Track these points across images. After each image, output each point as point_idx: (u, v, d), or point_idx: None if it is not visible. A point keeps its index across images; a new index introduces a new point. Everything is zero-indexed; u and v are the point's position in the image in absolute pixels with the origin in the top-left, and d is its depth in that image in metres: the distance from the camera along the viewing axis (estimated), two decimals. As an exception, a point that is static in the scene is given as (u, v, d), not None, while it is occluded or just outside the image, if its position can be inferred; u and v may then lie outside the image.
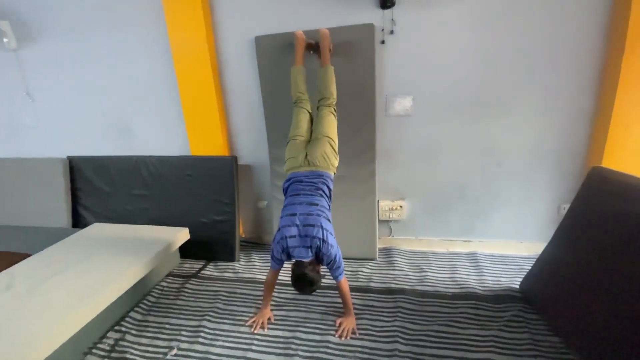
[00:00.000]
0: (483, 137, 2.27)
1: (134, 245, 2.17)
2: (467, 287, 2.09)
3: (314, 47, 2.12)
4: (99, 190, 2.80)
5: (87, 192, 2.86)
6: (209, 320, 1.92)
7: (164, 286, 2.28)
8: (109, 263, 1.95)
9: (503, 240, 2.48)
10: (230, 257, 2.55)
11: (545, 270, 1.88)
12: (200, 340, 1.78)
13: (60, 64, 2.70)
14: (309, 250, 1.70)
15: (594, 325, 1.51)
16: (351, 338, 1.75)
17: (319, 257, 1.73)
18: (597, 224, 1.67)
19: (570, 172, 2.25)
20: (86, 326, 1.65)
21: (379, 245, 2.54)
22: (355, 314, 1.88)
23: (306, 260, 1.69)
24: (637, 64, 1.86)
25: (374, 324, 1.84)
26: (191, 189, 2.56)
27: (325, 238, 1.70)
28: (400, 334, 1.74)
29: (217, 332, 1.85)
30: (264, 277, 2.28)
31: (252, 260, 2.57)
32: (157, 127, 2.71)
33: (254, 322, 1.89)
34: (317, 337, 1.77)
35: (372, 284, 2.18)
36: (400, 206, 2.51)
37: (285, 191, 1.92)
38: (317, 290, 2.09)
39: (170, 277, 2.38)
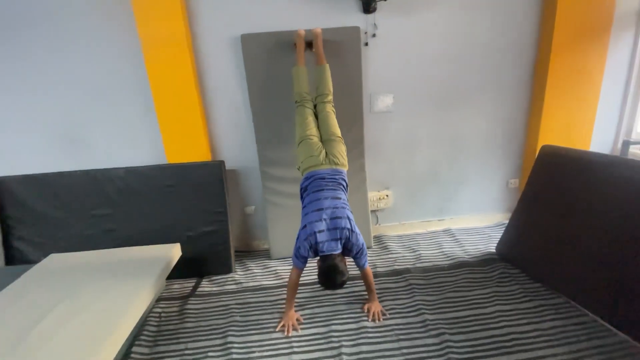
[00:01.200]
0: (450, 128, 2.63)
1: (119, 272, 1.85)
2: (456, 258, 2.40)
3: (309, 46, 2.16)
4: (42, 215, 2.30)
5: (23, 220, 2.31)
6: (234, 335, 1.79)
7: (159, 313, 2.01)
8: (104, 296, 1.64)
9: (468, 215, 2.91)
10: (226, 269, 2.39)
11: (517, 233, 2.30)
12: (234, 356, 1.66)
13: None
14: (339, 242, 1.74)
15: (562, 268, 1.93)
16: (383, 319, 1.85)
17: (347, 248, 1.79)
18: (551, 189, 2.13)
19: (514, 152, 2.78)
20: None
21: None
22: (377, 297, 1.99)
23: (335, 252, 1.73)
24: (562, 62, 2.41)
25: (397, 303, 1.98)
26: (173, 201, 2.31)
27: (353, 228, 1.77)
28: (423, 306, 1.92)
29: (249, 344, 1.74)
30: (270, 283, 2.24)
31: (250, 268, 2.45)
32: (121, 135, 2.36)
33: (283, 326, 1.84)
34: (354, 326, 1.82)
35: (379, 269, 2.32)
36: (387, 195, 2.72)
37: (304, 190, 1.91)
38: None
39: (162, 302, 2.11)
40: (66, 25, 2.12)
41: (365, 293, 2.03)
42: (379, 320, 1.85)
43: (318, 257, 1.76)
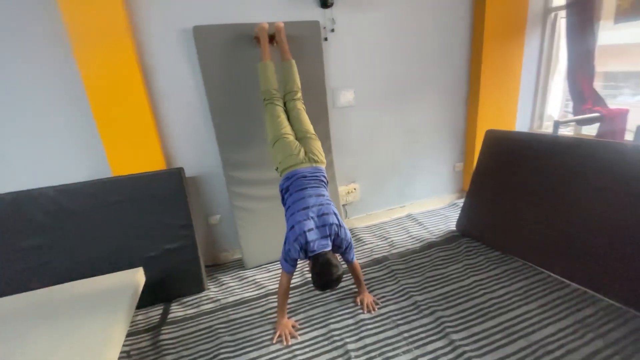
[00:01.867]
0: (405, 120, 2.79)
1: (83, 308, 1.52)
2: (425, 240, 2.56)
3: (271, 40, 2.05)
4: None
5: None
6: (227, 358, 1.62)
7: (129, 351, 1.72)
8: (66, 342, 1.32)
9: (424, 199, 3.13)
10: (198, 288, 2.15)
11: (472, 211, 2.55)
12: (235, 380, 1.50)
13: None
14: (328, 239, 1.70)
15: (514, 235, 2.21)
16: (378, 308, 1.88)
17: (336, 244, 1.75)
18: (497, 168, 2.40)
19: (457, 139, 3.07)
20: None
21: (341, 229, 2.71)
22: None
23: (327, 249, 1.69)
24: (491, 57, 2.73)
25: (385, 290, 2.02)
26: (124, 220, 1.98)
27: (340, 223, 1.74)
28: (409, 289, 2.00)
29: (248, 363, 1.59)
30: (252, 295, 2.11)
31: (224, 282, 2.25)
32: (48, 149, 1.93)
33: (279, 336, 1.73)
34: (351, 321, 1.80)
35: (359, 261, 2.33)
36: (354, 189, 2.76)
37: (285, 190, 1.82)
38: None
39: (129, 338, 1.80)
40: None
41: (353, 287, 2.04)
42: (373, 310, 1.86)
43: (308, 260, 1.69)
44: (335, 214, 1.74)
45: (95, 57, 1.82)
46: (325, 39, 2.32)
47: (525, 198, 2.19)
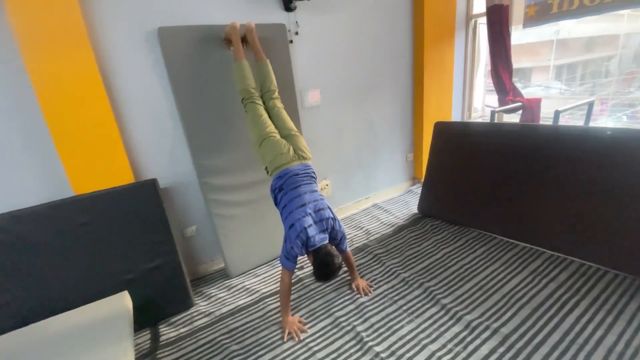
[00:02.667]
0: (365, 116, 3.00)
1: (80, 345, 1.34)
2: (395, 224, 2.80)
3: (244, 41, 2.03)
4: None
5: None
6: (243, 365, 1.59)
7: (122, 385, 1.55)
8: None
9: (385, 189, 3.39)
10: (186, 305, 2.03)
11: (431, 194, 2.86)
12: (257, 384, 1.49)
13: None
14: (326, 232, 1.79)
15: (467, 209, 2.57)
16: (372, 290, 2.02)
17: (332, 237, 1.85)
18: (447, 154, 2.76)
19: (407, 131, 3.40)
20: None
21: (316, 225, 2.80)
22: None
23: (325, 242, 1.77)
24: (431, 57, 3.10)
25: (374, 273, 2.18)
26: (95, 242, 1.77)
27: (334, 216, 1.84)
28: (395, 268, 2.19)
29: (265, 365, 1.58)
30: (246, 301, 2.09)
31: (212, 295, 2.15)
32: (-12, 169, 1.62)
33: (289, 333, 1.75)
34: (352, 306, 1.91)
35: (342, 252, 2.46)
36: (327, 185, 2.87)
37: (278, 190, 1.84)
38: (311, 278, 2.17)
39: (119, 371, 1.62)
40: None
41: (345, 275, 2.15)
42: (369, 292, 2.00)
43: (307, 255, 1.75)
44: (329, 208, 1.83)
45: (48, 61, 1.59)
46: (291, 42, 2.38)
47: (472, 177, 2.56)
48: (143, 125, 1.98)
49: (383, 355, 1.57)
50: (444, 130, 2.81)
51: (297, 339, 1.71)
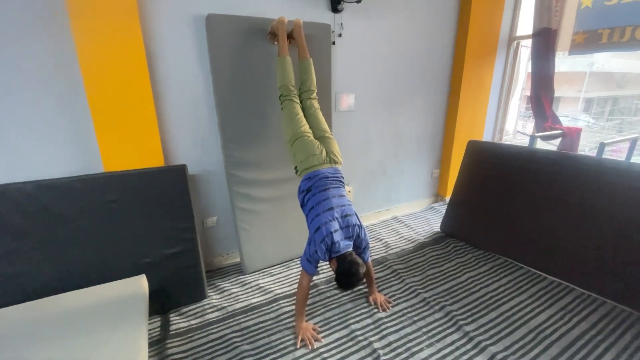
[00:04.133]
0: (394, 127, 2.94)
1: (95, 322, 1.31)
2: (415, 241, 2.71)
3: (290, 37, 2.01)
4: None
5: None
6: (253, 367, 1.53)
7: (130, 370, 1.51)
8: (99, 351, 1.13)
9: (406, 203, 3.31)
10: (199, 296, 1.99)
11: (456, 213, 2.77)
12: (267, 390, 1.42)
13: None
14: (351, 239, 1.73)
15: (496, 235, 2.47)
16: (391, 307, 1.94)
17: (355, 244, 1.78)
18: (478, 176, 2.67)
19: (436, 147, 3.33)
20: None
21: (335, 231, 2.74)
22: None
23: (350, 250, 1.71)
24: (470, 75, 3.03)
25: (393, 289, 2.10)
26: (119, 221, 1.75)
27: (360, 223, 1.78)
28: (415, 287, 2.11)
29: (277, 370, 1.52)
30: (260, 300, 2.03)
31: (225, 289, 2.11)
32: (29, 137, 1.61)
33: (302, 340, 1.68)
34: (370, 320, 1.83)
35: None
36: (349, 191, 2.81)
37: (306, 191, 1.79)
38: (327, 286, 2.10)
39: (127, 356, 1.58)
40: None
41: (363, 288, 2.07)
42: (388, 309, 1.92)
43: (331, 259, 1.68)
44: (356, 214, 1.77)
45: (95, 33, 1.59)
46: (333, 43, 2.35)
47: (505, 202, 2.46)
48: (179, 110, 1.97)
49: (401, 377, 1.49)
50: (476, 150, 2.72)
51: (310, 347, 1.64)
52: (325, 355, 1.61)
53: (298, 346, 1.65)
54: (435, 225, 2.95)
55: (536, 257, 2.26)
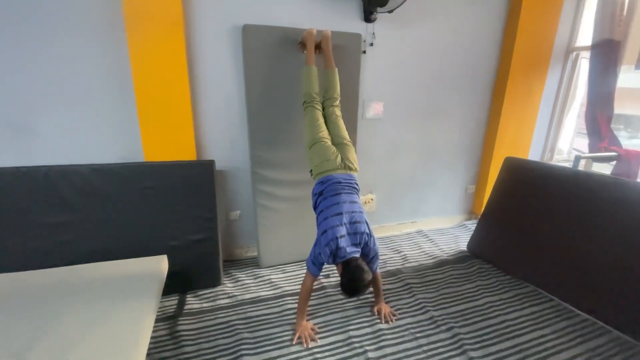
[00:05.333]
0: (426, 137, 2.86)
1: (110, 291, 1.51)
2: (437, 257, 2.61)
3: (317, 47, 2.10)
4: (-40, 225, 1.72)
5: None
6: (248, 354, 1.62)
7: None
8: (98, 324, 1.31)
9: (435, 217, 3.19)
10: (214, 282, 2.15)
11: (485, 233, 2.61)
12: (257, 377, 1.50)
13: None
14: (358, 247, 1.73)
15: (527, 261, 2.27)
16: (395, 320, 1.90)
17: (364, 253, 1.78)
18: (513, 195, 2.48)
19: (473, 162, 3.16)
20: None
21: (354, 238, 2.75)
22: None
23: (356, 256, 1.72)
24: (515, 87, 2.85)
25: (402, 303, 2.05)
26: (153, 206, 1.98)
27: (371, 232, 1.78)
28: (426, 304, 2.04)
29: (269, 362, 1.59)
30: (268, 294, 2.11)
31: (239, 279, 2.25)
32: (85, 126, 1.92)
33: (299, 337, 1.74)
34: (369, 329, 1.82)
35: (373, 272, 2.38)
36: (371, 199, 2.81)
37: (319, 195, 1.84)
38: (334, 291, 2.12)
39: (144, 325, 1.78)
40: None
41: (369, 296, 2.06)
42: (391, 321, 1.89)
43: (338, 264, 1.71)
44: (366, 222, 1.77)
45: (146, 41, 1.83)
46: (364, 52, 2.39)
47: (541, 226, 2.26)
48: (213, 111, 2.16)
49: (389, 390, 1.47)
50: (514, 167, 2.54)
51: (305, 346, 1.69)
52: (318, 355, 1.64)
53: (294, 342, 1.71)
54: (463, 244, 2.80)
55: (570, 290, 2.05)
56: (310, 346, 1.69)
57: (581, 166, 2.45)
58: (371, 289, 2.00)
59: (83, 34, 1.79)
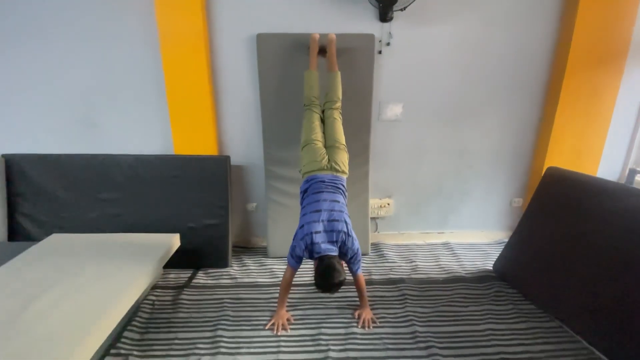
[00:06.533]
0: (458, 142, 2.63)
1: (122, 255, 1.89)
2: (452, 272, 2.39)
3: (323, 51, 2.18)
4: (49, 194, 2.35)
5: (29, 198, 2.36)
6: (224, 329, 1.81)
7: (153, 300, 2.04)
8: (101, 280, 1.67)
9: (468, 230, 2.89)
10: (223, 263, 2.41)
11: (515, 253, 2.28)
12: (222, 350, 1.67)
13: (9, 40, 2.20)
14: (335, 245, 1.75)
15: (557, 292, 1.91)
16: (373, 327, 1.85)
17: (342, 252, 1.79)
18: (553, 212, 2.11)
19: (520, 171, 2.76)
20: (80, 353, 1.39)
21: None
22: (369, 305, 1.99)
23: (332, 254, 1.74)
24: (574, 86, 2.40)
25: (389, 312, 1.98)
26: (178, 192, 2.35)
27: (349, 232, 1.78)
28: (414, 318, 1.92)
29: (238, 339, 1.75)
30: (265, 281, 2.26)
31: (246, 264, 2.47)
32: (132, 123, 2.41)
33: (273, 324, 1.85)
34: (342, 331, 1.82)
35: (373, 277, 2.32)
36: (388, 204, 2.73)
37: (304, 192, 1.93)
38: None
39: (157, 290, 2.14)
40: (85, 12, 2.18)
41: (357, 298, 2.04)
42: (368, 327, 1.85)
43: (315, 259, 1.76)
44: (346, 222, 1.79)
45: (176, 53, 2.20)
46: (380, 52, 2.35)
47: (581, 252, 1.88)
48: (231, 112, 2.44)
49: (334, 390, 1.47)
50: (556, 179, 2.17)
51: (274, 333, 1.80)
52: (283, 344, 1.73)
53: (266, 327, 1.83)
54: (491, 263, 2.49)
55: (606, 335, 1.66)
56: (279, 334, 1.79)
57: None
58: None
59: (130, 46, 2.24)
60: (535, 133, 2.65)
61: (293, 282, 2.08)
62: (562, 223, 2.03)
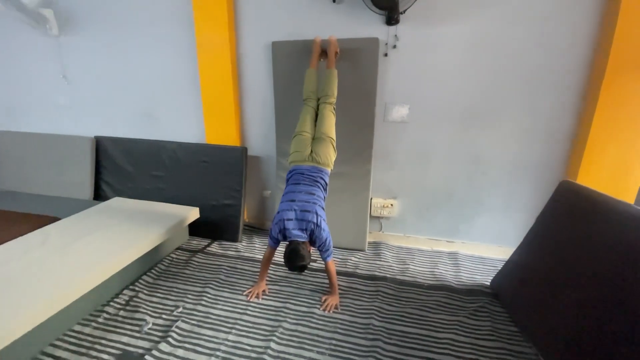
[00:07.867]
0: (471, 147, 2.49)
1: (150, 218, 2.46)
2: (443, 280, 2.32)
3: (324, 53, 2.37)
4: (121, 168, 3.10)
5: (109, 170, 3.16)
6: (211, 288, 2.19)
7: (173, 257, 2.56)
8: (128, 231, 2.24)
9: (484, 244, 2.70)
10: (234, 238, 2.82)
11: (513, 271, 2.10)
12: (202, 302, 2.05)
13: (96, 51, 3.01)
14: (304, 232, 1.95)
15: (544, 319, 1.72)
16: (333, 312, 1.99)
17: (312, 240, 1.97)
18: (560, 231, 1.88)
19: (548, 185, 2.44)
20: (106, 282, 1.93)
21: (370, 239, 2.78)
22: (340, 294, 2.12)
23: (300, 240, 1.94)
24: (615, 92, 2.06)
25: (355, 303, 2.08)
26: (204, 174, 2.84)
27: (318, 223, 1.94)
28: (376, 312, 1.98)
29: (218, 297, 2.11)
30: (261, 258, 2.56)
31: (254, 242, 2.84)
32: (177, 115, 3.00)
33: (250, 292, 2.15)
34: (304, 309, 2.02)
35: (358, 271, 2.42)
36: (392, 204, 2.75)
37: (287, 181, 2.17)
38: (309, 271, 2.36)
39: (179, 251, 2.66)
40: (149, 30, 2.81)
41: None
42: (329, 311, 1.99)
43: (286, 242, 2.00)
44: (317, 213, 1.97)
45: (209, 60, 2.67)
46: (386, 55, 2.41)
47: (576, 281, 1.67)
48: (251, 109, 2.82)
49: (271, 353, 1.69)
50: (567, 195, 1.93)
51: (247, 299, 2.10)
52: (249, 310, 2.01)
53: (244, 293, 2.15)
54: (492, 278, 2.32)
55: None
56: (250, 300, 2.09)
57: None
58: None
59: (177, 54, 2.80)
60: (568, 144, 2.33)
61: (280, 262, 2.36)
62: (566, 244, 1.81)
